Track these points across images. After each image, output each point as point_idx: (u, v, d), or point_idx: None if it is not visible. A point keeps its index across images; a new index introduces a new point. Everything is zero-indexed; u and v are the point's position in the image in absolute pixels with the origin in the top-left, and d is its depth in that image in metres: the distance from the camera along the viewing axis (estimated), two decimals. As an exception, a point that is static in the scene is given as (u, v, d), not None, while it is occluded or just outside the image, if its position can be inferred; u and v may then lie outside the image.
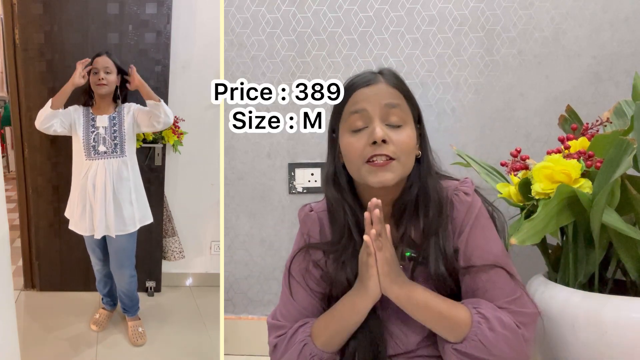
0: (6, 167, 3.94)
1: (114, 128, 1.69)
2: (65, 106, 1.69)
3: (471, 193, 0.96)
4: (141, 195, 1.77)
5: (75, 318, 1.88)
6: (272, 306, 1.75)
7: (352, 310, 0.91)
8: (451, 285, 0.94)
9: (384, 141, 0.89)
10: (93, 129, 1.68)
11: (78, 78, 1.62)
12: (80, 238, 1.82)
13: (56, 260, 2.03)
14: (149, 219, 1.79)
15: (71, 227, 1.74)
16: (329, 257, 0.97)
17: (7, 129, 4.20)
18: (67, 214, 1.76)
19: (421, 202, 0.95)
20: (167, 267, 2.13)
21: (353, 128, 0.92)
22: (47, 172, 1.94)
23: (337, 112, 0.97)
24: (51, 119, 1.64)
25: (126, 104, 1.74)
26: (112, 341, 1.77)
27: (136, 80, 1.66)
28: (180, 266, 2.15)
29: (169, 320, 1.92)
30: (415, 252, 0.94)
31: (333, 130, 0.99)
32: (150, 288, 2.09)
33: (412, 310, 0.89)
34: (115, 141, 1.68)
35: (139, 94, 1.71)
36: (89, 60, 1.66)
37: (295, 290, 1.00)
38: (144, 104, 1.73)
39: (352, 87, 0.95)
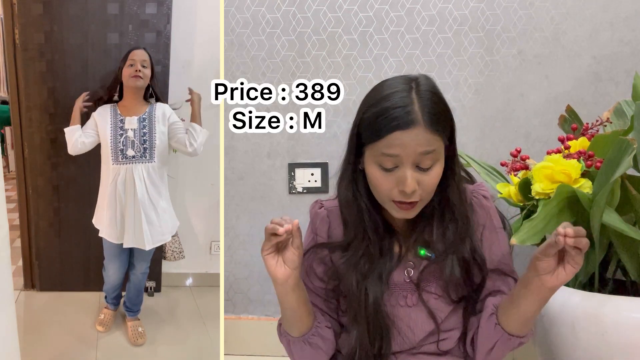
0: (6, 167, 3.94)
1: (144, 131, 1.60)
2: (91, 108, 1.67)
3: (489, 197, 0.98)
4: (169, 203, 1.72)
5: (76, 318, 1.88)
6: (272, 306, 1.75)
7: (278, 296, 0.93)
8: (463, 292, 0.95)
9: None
10: (121, 132, 1.60)
11: (79, 105, 1.63)
12: (80, 238, 1.82)
13: (56, 260, 2.03)
14: (176, 226, 1.76)
15: (102, 234, 1.67)
16: (335, 252, 0.97)
17: (7, 129, 4.19)
18: (94, 220, 1.71)
19: (438, 210, 0.94)
20: (167, 267, 2.12)
21: (383, 166, 0.87)
22: (47, 172, 1.94)
23: (368, 136, 0.87)
24: (74, 134, 1.60)
25: (158, 105, 1.66)
26: (112, 341, 1.77)
27: (196, 99, 1.61)
28: (180, 266, 2.15)
29: (169, 320, 1.92)
30: (431, 252, 0.94)
31: (359, 137, 0.90)
32: (150, 288, 2.09)
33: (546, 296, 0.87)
34: (145, 145, 1.60)
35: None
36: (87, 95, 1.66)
37: None
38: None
39: (388, 127, 0.84)
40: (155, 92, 1.68)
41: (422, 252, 0.95)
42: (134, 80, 1.60)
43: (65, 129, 1.62)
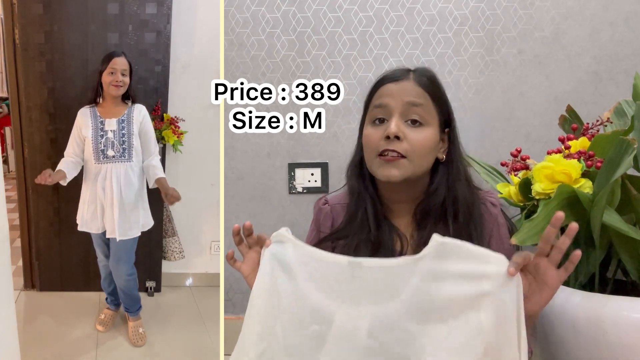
0: (6, 166, 3.94)
1: (123, 132, 1.68)
2: (72, 110, 1.73)
3: (497, 204, 0.98)
4: (145, 201, 1.77)
5: (75, 318, 1.88)
6: (272, 306, 1.75)
7: None
8: None
9: (397, 137, 0.89)
10: (102, 133, 1.67)
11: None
12: (80, 238, 1.82)
13: (56, 260, 2.03)
14: (150, 224, 1.80)
15: (82, 228, 1.73)
16: (339, 243, 0.97)
17: (7, 129, 4.19)
18: (78, 218, 1.75)
19: (449, 208, 0.94)
20: (167, 267, 2.13)
21: (374, 121, 0.93)
22: (47, 172, 1.94)
23: (365, 104, 0.98)
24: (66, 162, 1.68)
25: (136, 106, 1.73)
26: (112, 342, 1.77)
27: (174, 197, 1.64)
28: (180, 266, 2.15)
29: (169, 320, 1.92)
30: None
31: (363, 116, 0.99)
32: (150, 288, 2.09)
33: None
34: (124, 145, 1.68)
35: (137, 93, 1.77)
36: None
37: None
38: (144, 100, 1.78)
39: (380, 82, 0.95)
40: (132, 96, 1.74)
41: None
42: (114, 89, 1.67)
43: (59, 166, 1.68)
